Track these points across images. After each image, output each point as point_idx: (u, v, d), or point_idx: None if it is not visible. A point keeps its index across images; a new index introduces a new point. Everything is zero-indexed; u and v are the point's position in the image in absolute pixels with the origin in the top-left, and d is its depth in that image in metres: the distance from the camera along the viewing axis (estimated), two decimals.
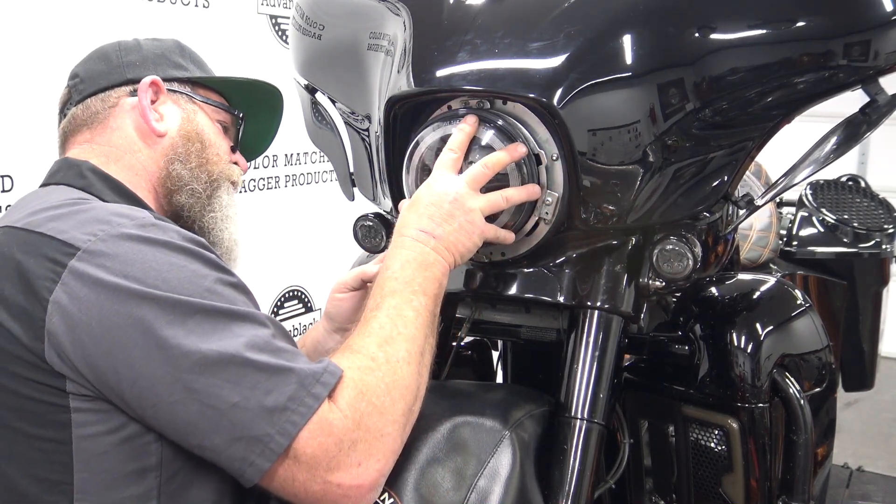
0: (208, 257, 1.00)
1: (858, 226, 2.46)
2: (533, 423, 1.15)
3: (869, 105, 1.25)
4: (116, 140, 1.21)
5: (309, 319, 3.21)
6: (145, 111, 1.22)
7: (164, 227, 1.01)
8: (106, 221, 0.99)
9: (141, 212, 1.04)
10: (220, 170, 1.28)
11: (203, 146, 1.25)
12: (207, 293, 0.95)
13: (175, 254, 0.98)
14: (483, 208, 1.11)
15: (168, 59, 1.29)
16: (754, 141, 1.22)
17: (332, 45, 1.45)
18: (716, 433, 1.31)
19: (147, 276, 0.94)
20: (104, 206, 1.05)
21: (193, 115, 1.26)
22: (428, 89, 1.16)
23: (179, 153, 1.23)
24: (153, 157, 1.22)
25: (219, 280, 0.98)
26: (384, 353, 0.99)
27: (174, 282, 0.94)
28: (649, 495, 1.41)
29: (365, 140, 1.44)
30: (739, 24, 1.16)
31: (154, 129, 1.22)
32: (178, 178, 1.22)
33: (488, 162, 1.11)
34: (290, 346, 0.98)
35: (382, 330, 1.01)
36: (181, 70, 1.29)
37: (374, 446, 0.94)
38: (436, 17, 1.20)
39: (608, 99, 1.13)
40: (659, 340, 1.39)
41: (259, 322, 0.96)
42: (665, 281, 1.22)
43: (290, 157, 2.99)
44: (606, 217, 1.18)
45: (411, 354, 1.01)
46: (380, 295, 1.05)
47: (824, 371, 1.42)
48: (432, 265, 1.08)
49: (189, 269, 0.97)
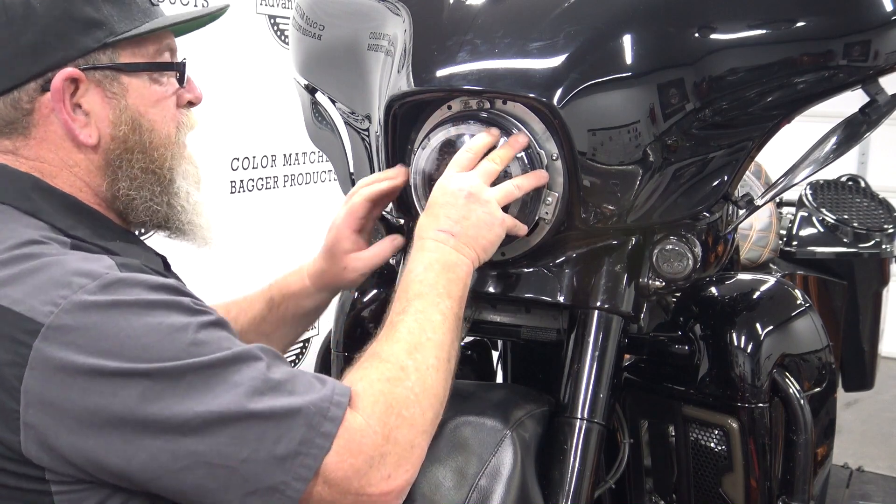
0: (182, 303, 0.91)
1: (858, 226, 2.46)
2: (533, 423, 1.15)
3: (869, 105, 1.25)
4: (46, 154, 1.02)
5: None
6: (69, 124, 1.00)
7: (129, 282, 0.90)
8: (65, 284, 0.87)
9: (101, 261, 0.92)
10: (172, 152, 1.08)
11: (143, 135, 1.04)
12: (193, 346, 0.88)
13: (148, 312, 0.88)
14: (498, 198, 1.10)
15: (74, 20, 1.00)
16: (754, 141, 1.22)
17: (332, 45, 1.45)
18: (716, 433, 1.31)
19: (124, 349, 0.86)
20: (60, 263, 0.90)
21: (124, 98, 1.03)
22: (428, 89, 1.16)
23: (120, 164, 1.04)
24: (91, 171, 1.03)
25: (199, 326, 0.90)
26: (413, 360, 0.97)
27: (155, 347, 0.86)
28: (649, 495, 1.41)
29: (365, 140, 1.44)
30: (739, 24, 1.16)
31: (84, 142, 1.01)
32: (127, 197, 1.05)
33: (495, 157, 1.11)
34: (284, 367, 0.93)
35: (411, 335, 0.99)
36: (94, 30, 1.01)
37: (404, 457, 0.93)
38: (436, 17, 1.20)
39: (608, 99, 1.13)
40: (659, 340, 1.39)
41: (250, 358, 0.90)
42: (665, 281, 1.22)
43: (288, 157, 2.99)
44: (606, 217, 1.18)
45: (440, 361, 1.00)
46: (405, 298, 1.03)
47: (824, 371, 1.42)
48: (456, 266, 1.07)
49: (166, 324, 0.88)
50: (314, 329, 3.25)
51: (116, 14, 1.02)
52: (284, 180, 2.99)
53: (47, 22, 0.98)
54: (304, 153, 3.05)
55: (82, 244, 0.96)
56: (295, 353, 3.19)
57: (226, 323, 0.95)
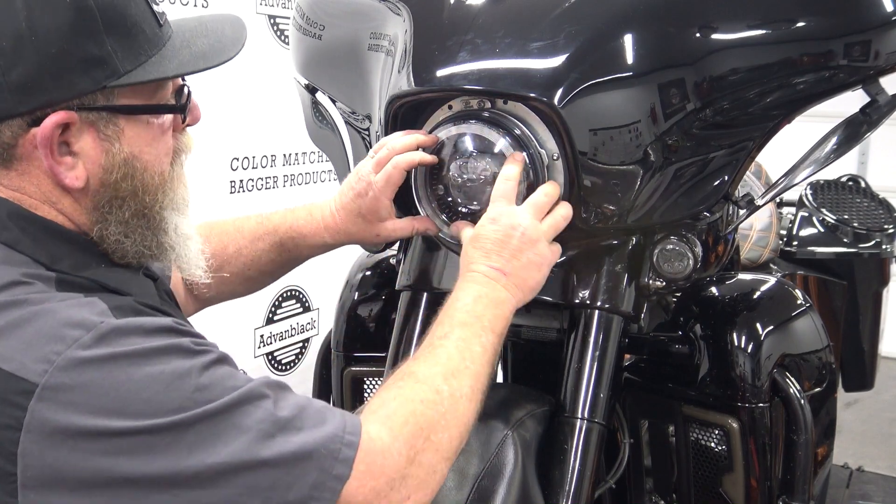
0: (182, 345, 0.86)
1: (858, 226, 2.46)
2: (534, 423, 1.15)
3: (869, 105, 1.25)
4: (28, 188, 0.92)
5: (307, 319, 3.20)
6: (54, 168, 0.90)
7: (125, 329, 0.84)
8: (58, 339, 0.81)
9: (93, 307, 0.86)
10: (165, 189, 1.00)
11: (136, 180, 0.96)
12: (197, 392, 0.83)
13: (147, 362, 0.83)
14: (547, 235, 1.11)
15: (72, 58, 0.88)
16: (755, 141, 1.22)
17: (332, 45, 1.45)
18: (716, 433, 1.31)
19: (126, 405, 0.80)
20: (49, 312, 0.84)
21: (118, 140, 0.93)
22: (428, 89, 1.16)
23: (109, 210, 0.95)
24: (78, 210, 0.95)
25: (202, 367, 0.85)
26: (449, 386, 0.97)
27: (157, 399, 0.81)
28: (649, 495, 1.41)
29: (365, 140, 1.44)
30: (740, 25, 1.16)
31: (69, 185, 0.92)
32: (116, 242, 0.96)
33: (548, 191, 1.12)
34: (291, 398, 0.89)
35: (451, 361, 0.99)
36: (94, 69, 0.89)
37: (425, 482, 0.92)
38: (436, 17, 1.20)
39: (609, 99, 1.13)
40: (659, 340, 1.39)
41: (257, 396, 0.86)
42: (665, 281, 1.22)
43: (288, 157, 2.99)
44: (607, 217, 1.18)
45: (474, 391, 0.99)
46: (449, 324, 1.03)
47: (824, 371, 1.42)
48: (503, 303, 1.07)
49: (167, 373, 0.83)
50: (314, 329, 3.25)
51: (121, 49, 0.90)
52: (284, 180, 2.99)
53: (41, 59, 0.86)
54: (304, 153, 3.05)
55: (67, 278, 0.90)
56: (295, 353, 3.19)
57: (227, 358, 0.90)
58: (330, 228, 1.27)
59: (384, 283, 1.63)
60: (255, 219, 1.33)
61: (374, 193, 1.20)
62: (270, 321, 3.02)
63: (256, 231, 1.31)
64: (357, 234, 1.25)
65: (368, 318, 1.62)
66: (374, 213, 1.22)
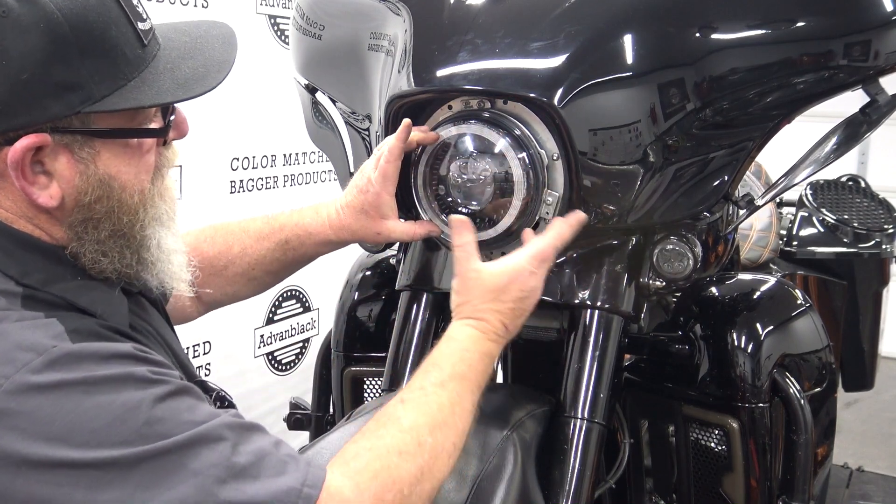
0: (136, 374, 0.83)
1: (858, 226, 2.46)
2: (534, 423, 1.15)
3: (869, 105, 1.25)
4: (5, 202, 0.90)
5: (307, 319, 3.20)
6: (26, 188, 0.88)
7: (77, 355, 0.81)
8: (7, 361, 0.79)
9: (49, 328, 0.83)
10: (145, 206, 0.96)
11: (112, 200, 0.92)
12: (146, 426, 0.79)
13: (98, 391, 0.80)
14: (542, 281, 1.12)
15: (44, 84, 0.85)
16: (755, 141, 1.22)
17: (332, 45, 1.45)
18: (716, 433, 1.31)
19: (71, 434, 0.78)
20: (3, 334, 0.82)
21: (93, 162, 0.90)
22: (428, 89, 1.16)
23: (85, 229, 0.93)
24: (54, 226, 0.92)
25: (155, 400, 0.81)
26: (434, 438, 0.94)
27: (103, 431, 0.78)
28: (649, 495, 1.41)
29: (365, 140, 1.44)
30: (740, 25, 1.16)
31: (43, 204, 0.89)
32: (93, 260, 0.93)
33: (551, 243, 1.12)
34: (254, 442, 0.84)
35: (441, 413, 0.96)
36: (68, 94, 0.86)
37: None
38: (436, 17, 1.20)
39: (609, 99, 1.13)
40: (659, 340, 1.39)
41: (213, 438, 0.82)
42: (665, 281, 1.22)
43: (288, 157, 2.99)
44: (607, 217, 1.18)
45: (455, 448, 0.97)
46: (447, 373, 1.01)
47: (824, 371, 1.42)
48: (493, 356, 1.08)
49: (117, 403, 0.80)
50: (314, 329, 3.25)
51: (98, 72, 0.87)
52: (284, 180, 2.99)
53: (12, 84, 0.84)
54: (305, 153, 3.05)
55: (36, 294, 0.88)
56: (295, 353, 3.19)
57: (189, 389, 0.86)
58: (334, 225, 1.27)
59: (384, 283, 1.63)
60: (261, 219, 1.33)
61: (374, 189, 1.20)
62: (271, 321, 3.02)
63: (262, 230, 1.31)
64: (360, 230, 1.25)
65: (368, 318, 1.62)
66: (376, 210, 1.22)
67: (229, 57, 1.01)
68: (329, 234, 1.27)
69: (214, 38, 1.02)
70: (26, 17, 0.83)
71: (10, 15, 0.83)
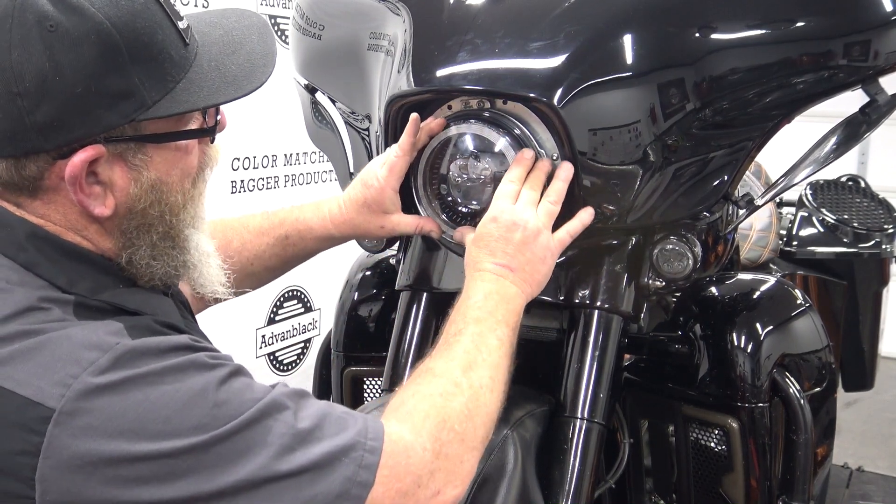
0: (198, 361, 0.85)
1: (858, 226, 2.46)
2: (534, 423, 1.15)
3: (869, 105, 1.25)
4: (54, 216, 0.90)
5: (309, 319, 3.21)
6: (84, 201, 0.88)
7: (140, 350, 0.83)
8: (74, 362, 0.80)
9: (108, 327, 0.85)
10: (187, 207, 0.97)
11: (163, 205, 0.94)
12: (215, 408, 0.82)
13: (163, 381, 0.82)
14: (546, 224, 1.11)
15: (99, 94, 0.85)
16: (754, 141, 1.22)
17: (332, 45, 1.45)
18: (716, 433, 1.31)
19: (144, 425, 0.79)
20: (65, 337, 0.82)
21: (146, 168, 0.91)
22: (428, 89, 1.16)
23: (137, 235, 0.94)
24: (104, 236, 0.93)
25: (219, 382, 0.84)
26: (468, 378, 0.97)
27: (176, 418, 0.80)
28: (649, 495, 1.41)
29: (365, 140, 1.44)
30: (740, 24, 1.16)
31: (98, 215, 0.90)
32: (147, 266, 0.95)
33: (533, 184, 1.12)
34: (312, 406, 0.88)
35: (467, 355, 1.00)
36: (122, 103, 0.86)
37: (454, 473, 0.92)
38: (436, 17, 1.21)
39: (609, 99, 1.13)
40: (659, 340, 1.39)
41: (276, 408, 0.85)
42: (665, 281, 1.22)
43: (289, 157, 2.99)
44: (607, 217, 1.18)
45: (494, 381, 1.00)
46: (462, 321, 1.04)
47: (824, 371, 1.42)
48: (514, 298, 1.08)
49: (184, 390, 0.82)
50: (315, 329, 3.25)
51: (148, 79, 0.87)
52: (285, 180, 2.99)
53: (67, 97, 0.83)
54: (305, 153, 3.06)
55: (86, 301, 0.88)
56: (296, 353, 3.19)
57: (243, 369, 0.89)
58: (336, 220, 1.27)
59: (384, 283, 1.63)
60: (262, 215, 1.33)
61: (379, 184, 1.21)
62: (272, 321, 3.03)
63: (262, 226, 1.31)
64: (362, 225, 1.25)
65: (368, 317, 1.62)
66: (379, 204, 1.22)
67: (271, 49, 1.02)
68: (330, 229, 1.27)
69: (248, 28, 1.01)
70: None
71: (59, 29, 0.82)
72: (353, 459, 0.85)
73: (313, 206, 1.30)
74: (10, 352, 0.81)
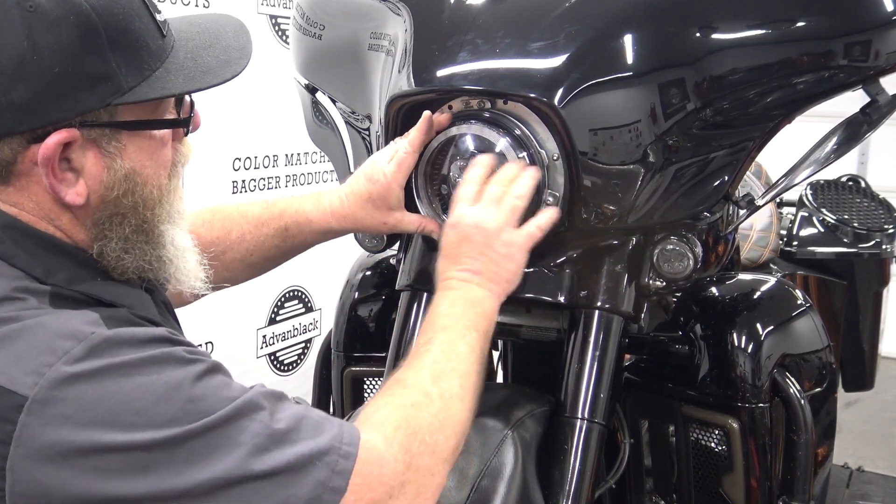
0: (174, 354, 0.84)
1: (858, 226, 2.46)
2: (534, 423, 1.15)
3: (869, 105, 1.25)
4: (27, 203, 0.90)
5: (309, 319, 3.21)
6: (55, 186, 0.88)
7: (116, 340, 0.82)
8: (48, 350, 0.79)
9: (84, 316, 0.84)
10: (162, 202, 0.97)
11: (136, 195, 0.93)
12: (189, 403, 0.81)
13: (139, 372, 0.81)
14: (509, 221, 1.10)
15: (77, 76, 0.85)
16: (755, 141, 1.22)
17: (332, 45, 1.45)
18: (716, 433, 1.31)
19: (117, 415, 0.78)
20: (40, 326, 0.82)
21: (120, 156, 0.91)
22: (428, 89, 1.17)
23: (110, 226, 0.93)
24: (76, 226, 0.92)
25: (196, 377, 0.83)
26: (438, 388, 0.97)
27: (149, 410, 0.79)
28: (649, 495, 1.41)
29: (365, 140, 1.45)
30: (740, 24, 1.16)
31: (70, 202, 0.89)
32: (117, 259, 0.94)
33: (499, 180, 1.11)
34: (288, 409, 0.87)
35: (436, 364, 0.99)
36: (99, 85, 0.86)
37: (424, 485, 0.91)
38: (437, 17, 1.21)
39: (609, 99, 1.13)
40: (659, 340, 1.39)
41: (252, 409, 0.84)
42: (666, 281, 1.22)
43: (290, 157, 3.00)
44: (607, 217, 1.18)
45: (465, 390, 0.99)
46: (431, 331, 1.04)
47: (824, 371, 1.42)
48: (481, 301, 1.07)
49: (160, 383, 0.81)
50: (316, 329, 3.25)
51: (125, 65, 0.87)
52: (286, 180, 2.99)
53: (44, 78, 0.83)
54: (306, 153, 3.06)
55: (62, 291, 0.88)
56: (297, 353, 3.19)
57: (220, 366, 0.88)
58: (337, 214, 1.26)
59: (384, 282, 1.63)
60: (261, 204, 1.32)
61: (385, 179, 1.19)
62: (273, 321, 3.03)
63: (261, 216, 1.30)
64: (364, 219, 1.24)
65: (368, 317, 1.62)
66: (383, 200, 1.21)
67: (246, 44, 1.02)
68: (330, 222, 1.27)
69: (224, 27, 1.02)
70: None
71: (39, 9, 0.82)
72: (326, 464, 0.84)
73: (313, 197, 1.29)
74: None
